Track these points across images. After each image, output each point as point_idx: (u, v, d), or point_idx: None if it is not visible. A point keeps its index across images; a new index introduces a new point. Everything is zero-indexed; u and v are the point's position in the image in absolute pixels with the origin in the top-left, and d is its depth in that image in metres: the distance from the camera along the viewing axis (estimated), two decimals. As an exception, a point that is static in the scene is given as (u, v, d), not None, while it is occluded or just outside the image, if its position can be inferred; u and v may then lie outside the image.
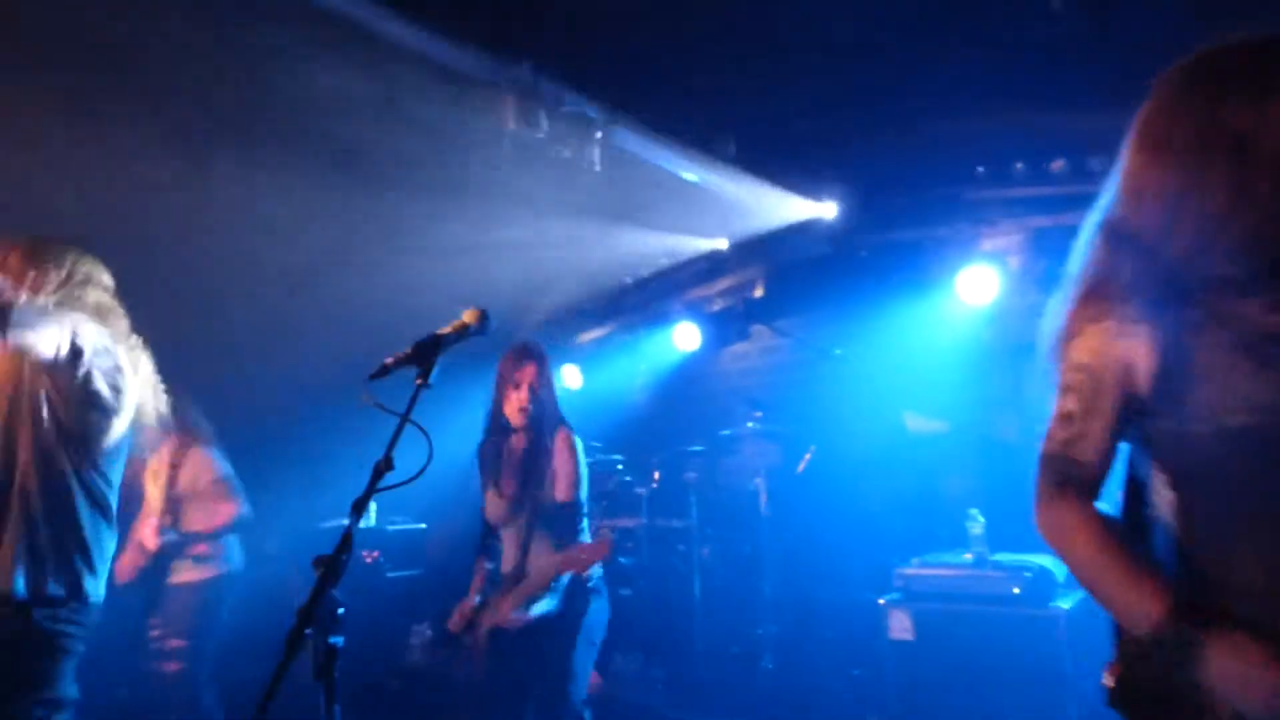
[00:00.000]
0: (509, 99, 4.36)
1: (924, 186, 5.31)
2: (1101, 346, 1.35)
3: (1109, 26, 3.67)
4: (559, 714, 3.09)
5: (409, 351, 2.07)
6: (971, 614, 3.74)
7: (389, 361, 2.06)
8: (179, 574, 4.13)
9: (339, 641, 1.76)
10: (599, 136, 4.78)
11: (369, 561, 6.07)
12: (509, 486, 3.28)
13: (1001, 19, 3.98)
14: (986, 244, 5.16)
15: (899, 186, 5.38)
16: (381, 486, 1.93)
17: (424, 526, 6.54)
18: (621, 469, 5.93)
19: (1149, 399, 1.33)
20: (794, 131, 5.10)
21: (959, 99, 4.50)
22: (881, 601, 4.05)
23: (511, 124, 4.41)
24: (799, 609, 5.24)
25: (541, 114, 4.39)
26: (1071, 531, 1.39)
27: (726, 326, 6.51)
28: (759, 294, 6.34)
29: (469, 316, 2.18)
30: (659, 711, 4.99)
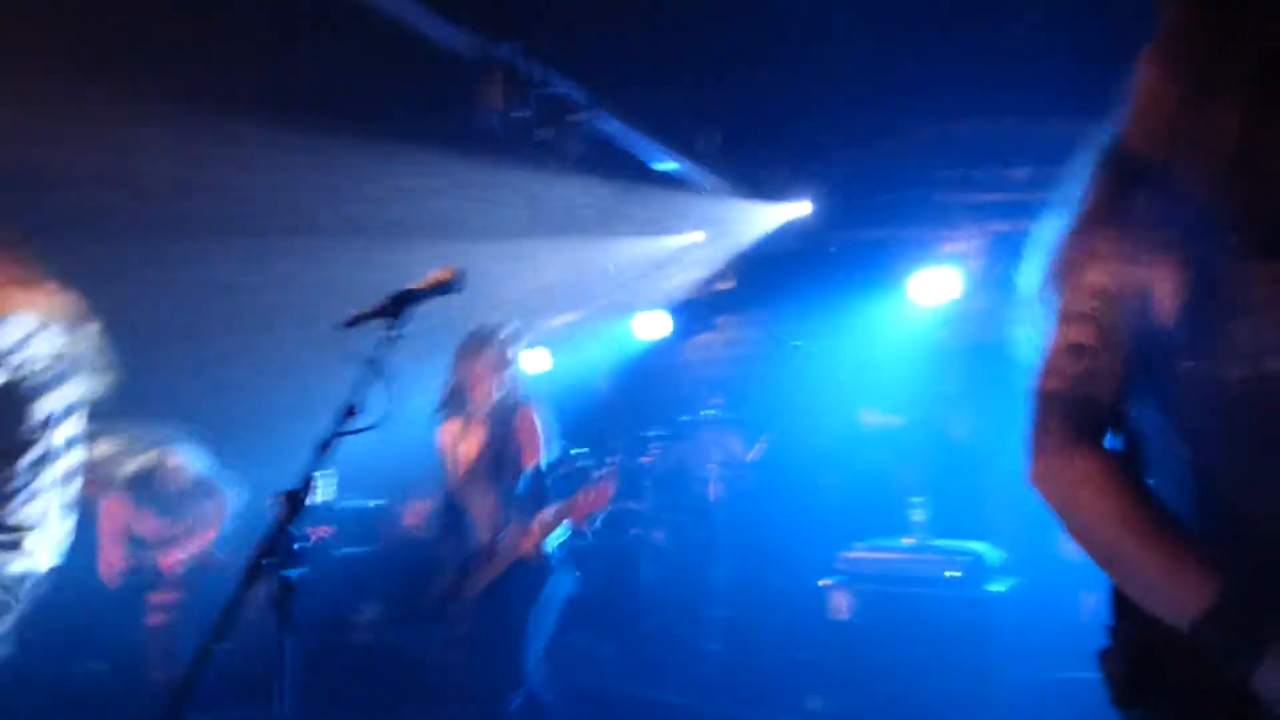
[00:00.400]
0: (495, 77, 4.40)
1: (891, 187, 5.45)
2: (1121, 270, 1.13)
3: (1074, 37, 3.80)
4: (505, 680, 3.15)
5: (382, 304, 2.11)
6: (909, 595, 3.86)
7: (361, 312, 2.10)
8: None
9: (295, 574, 1.80)
10: (580, 121, 4.83)
11: (319, 538, 6.04)
12: (475, 465, 3.35)
13: (971, 30, 4.11)
14: (948, 246, 5.30)
15: (867, 186, 5.51)
16: (346, 430, 1.97)
17: (374, 505, 6.49)
18: (580, 454, 5.97)
19: (1171, 335, 1.11)
20: (770, 130, 5.21)
21: (929, 105, 4.63)
22: (823, 583, 4.14)
23: (497, 104, 4.44)
24: (748, 593, 5.33)
25: (527, 94, 4.43)
26: (1090, 487, 1.12)
27: (693, 316, 6.59)
28: (727, 286, 6.42)
29: (444, 273, 2.19)
30: (606, 689, 5.06)
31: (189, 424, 4.47)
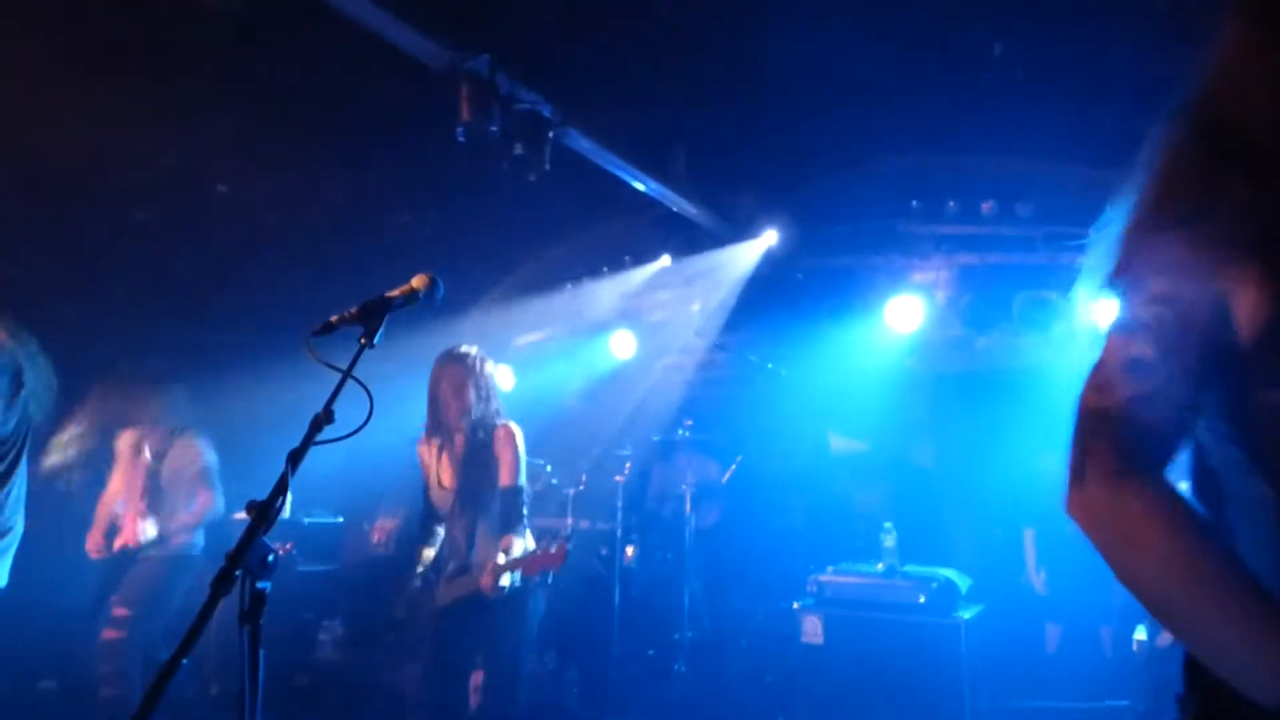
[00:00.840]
0: (464, 90, 4.41)
1: (861, 217, 5.54)
2: (1195, 273, 0.95)
3: (1043, 77, 3.91)
4: (508, 690, 3.22)
5: (355, 311, 2.08)
6: (879, 620, 3.91)
7: (334, 319, 2.06)
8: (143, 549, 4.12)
9: (267, 586, 1.77)
10: (551, 137, 4.86)
11: (281, 554, 5.93)
12: (452, 481, 3.36)
13: (942, 67, 4.21)
14: (916, 275, 5.39)
15: (838, 215, 5.59)
16: (319, 440, 1.94)
17: (341, 520, 6.43)
18: (550, 470, 5.95)
19: (1249, 355, 0.93)
20: (739, 157, 5.28)
21: (900, 138, 4.73)
22: (795, 606, 4.18)
23: (466, 116, 4.45)
24: (717, 615, 5.33)
25: (495, 108, 4.44)
26: (1148, 526, 0.96)
27: (664, 337, 6.62)
28: (696, 308, 6.46)
29: (418, 282, 2.18)
30: (573, 712, 5.01)
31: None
